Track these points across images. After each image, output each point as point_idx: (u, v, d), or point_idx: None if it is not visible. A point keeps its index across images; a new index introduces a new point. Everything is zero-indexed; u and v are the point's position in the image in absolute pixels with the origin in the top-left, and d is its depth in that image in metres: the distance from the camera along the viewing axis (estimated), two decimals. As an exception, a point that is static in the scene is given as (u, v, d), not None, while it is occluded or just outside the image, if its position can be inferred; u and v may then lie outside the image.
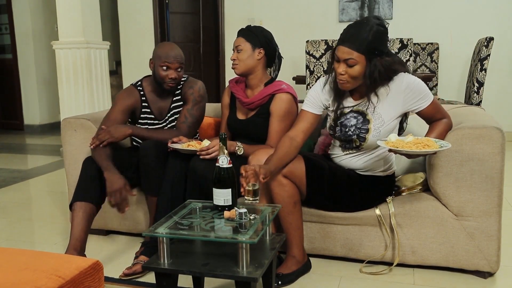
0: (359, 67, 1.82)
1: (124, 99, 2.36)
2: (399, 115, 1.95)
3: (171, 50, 2.28)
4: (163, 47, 2.31)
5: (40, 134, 6.64)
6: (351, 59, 1.80)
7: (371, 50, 1.79)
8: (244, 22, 5.78)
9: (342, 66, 1.84)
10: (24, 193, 3.62)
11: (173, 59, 2.26)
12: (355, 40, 1.79)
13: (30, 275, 1.16)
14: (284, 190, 1.94)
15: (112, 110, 2.34)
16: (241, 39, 2.24)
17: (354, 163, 2.03)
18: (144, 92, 2.40)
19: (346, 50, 1.81)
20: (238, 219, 1.65)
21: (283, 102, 2.21)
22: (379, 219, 2.05)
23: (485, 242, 1.95)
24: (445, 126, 1.93)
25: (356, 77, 1.85)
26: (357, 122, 1.96)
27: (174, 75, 2.27)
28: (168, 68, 2.26)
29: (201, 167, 2.03)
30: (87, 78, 4.38)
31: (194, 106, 2.36)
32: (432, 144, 1.73)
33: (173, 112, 2.40)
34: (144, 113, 2.39)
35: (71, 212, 2.11)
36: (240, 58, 2.23)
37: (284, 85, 2.24)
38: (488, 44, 4.00)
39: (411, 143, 1.74)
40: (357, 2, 5.40)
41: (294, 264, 2.02)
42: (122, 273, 2.05)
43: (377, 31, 1.79)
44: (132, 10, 6.28)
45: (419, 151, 1.70)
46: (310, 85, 4.44)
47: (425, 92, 1.90)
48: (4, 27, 6.88)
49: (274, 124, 2.21)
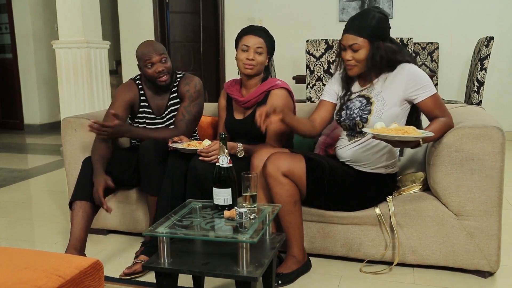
0: (363, 51, 1.96)
1: (124, 94, 2.36)
2: (401, 100, 1.98)
3: (146, 47, 2.29)
4: (140, 48, 2.32)
5: (40, 133, 6.64)
6: (355, 44, 1.95)
7: (373, 34, 1.94)
8: (244, 21, 5.77)
9: (349, 52, 1.99)
10: (24, 192, 3.62)
11: (152, 54, 2.26)
12: (358, 27, 1.94)
13: (30, 274, 1.16)
14: (284, 189, 1.95)
15: (112, 107, 2.34)
16: (263, 41, 2.24)
17: (359, 154, 2.04)
18: (143, 87, 2.40)
19: (350, 37, 1.96)
20: (238, 218, 1.66)
21: (279, 97, 2.22)
22: (379, 219, 2.05)
23: (485, 242, 1.95)
24: (443, 124, 1.93)
25: (362, 60, 1.98)
26: (361, 104, 2.04)
27: (161, 68, 2.27)
28: (152, 64, 2.27)
29: (201, 167, 2.03)
30: (87, 78, 4.38)
31: (191, 103, 2.35)
32: (412, 132, 1.77)
33: (171, 110, 2.40)
34: (143, 107, 2.39)
35: (71, 211, 2.11)
36: (259, 61, 2.24)
37: (279, 81, 2.26)
38: (488, 43, 4.00)
39: (392, 129, 1.79)
40: (357, 2, 5.40)
41: (294, 264, 2.02)
42: (122, 273, 2.05)
43: (378, 18, 1.95)
44: (132, 9, 6.28)
45: (397, 136, 1.73)
46: (310, 85, 4.44)
47: (427, 83, 1.95)
48: (4, 27, 6.88)
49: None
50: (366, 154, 2.03)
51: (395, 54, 1.98)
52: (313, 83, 4.44)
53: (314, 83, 4.45)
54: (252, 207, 1.75)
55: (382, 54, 1.95)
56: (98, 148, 2.21)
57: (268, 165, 1.95)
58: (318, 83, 4.45)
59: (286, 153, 2.01)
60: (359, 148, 2.05)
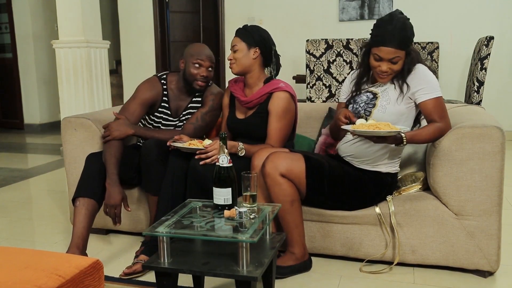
0: (402, 61, 1.98)
1: (146, 92, 2.35)
2: (406, 98, 2.00)
3: (204, 49, 2.33)
4: (196, 46, 2.35)
5: (40, 133, 6.63)
6: (396, 57, 1.95)
7: (408, 44, 1.97)
8: (244, 21, 5.77)
9: (386, 64, 1.97)
10: (24, 192, 3.62)
11: (205, 57, 2.30)
12: (397, 40, 1.92)
13: (30, 274, 1.16)
14: (281, 189, 1.95)
15: (131, 101, 2.33)
16: (237, 38, 2.25)
17: (362, 150, 2.05)
18: (167, 87, 2.40)
19: (390, 50, 1.93)
20: (238, 218, 1.66)
21: (281, 100, 2.21)
22: (379, 218, 2.05)
23: (485, 241, 1.95)
24: (435, 128, 1.94)
25: (398, 70, 1.99)
26: (367, 99, 2.06)
27: (206, 73, 2.30)
28: (200, 66, 2.29)
29: (202, 166, 2.03)
30: (87, 77, 4.38)
31: (209, 112, 2.37)
32: (383, 127, 1.83)
33: (189, 112, 2.41)
34: (162, 107, 2.39)
35: (73, 208, 2.11)
36: (236, 58, 2.23)
37: (282, 84, 2.25)
38: (488, 43, 3.99)
39: (367, 125, 1.85)
40: (357, 1, 5.40)
41: (291, 260, 2.03)
42: (122, 273, 2.05)
43: (410, 26, 1.96)
44: (132, 9, 6.28)
45: (367, 131, 1.80)
46: (310, 84, 4.44)
47: (431, 85, 1.96)
48: (4, 27, 6.87)
49: (273, 123, 2.21)
50: (369, 150, 2.04)
51: (418, 57, 2.02)
52: (313, 82, 4.44)
53: (314, 82, 4.45)
54: (252, 206, 1.75)
55: (414, 58, 1.98)
56: (112, 146, 2.17)
57: (266, 165, 1.96)
58: (318, 83, 4.45)
59: (285, 153, 2.01)
60: (363, 144, 2.05)
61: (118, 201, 2.07)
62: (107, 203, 2.07)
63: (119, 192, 2.08)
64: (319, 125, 2.58)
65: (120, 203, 2.08)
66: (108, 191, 2.08)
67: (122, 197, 2.09)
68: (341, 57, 4.38)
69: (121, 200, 2.08)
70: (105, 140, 2.20)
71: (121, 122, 2.24)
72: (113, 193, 2.07)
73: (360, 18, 5.41)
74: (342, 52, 4.37)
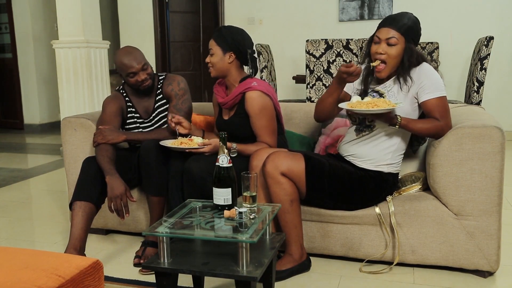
0: (398, 47, 1.97)
1: (112, 104, 2.37)
2: (411, 98, 2.00)
3: (126, 57, 2.26)
4: (119, 58, 2.27)
5: (40, 133, 6.64)
6: (393, 37, 1.96)
7: (409, 34, 1.97)
8: (244, 21, 5.78)
9: (383, 45, 1.98)
10: (24, 192, 3.62)
11: (133, 64, 2.26)
12: (397, 23, 1.97)
13: (30, 274, 1.16)
14: (281, 189, 1.95)
15: (103, 116, 2.35)
16: (213, 42, 2.22)
17: (365, 149, 2.05)
18: (127, 94, 2.42)
19: (388, 30, 1.97)
20: (238, 218, 1.66)
21: (253, 100, 2.18)
22: (379, 218, 2.05)
23: (485, 242, 1.95)
24: (431, 122, 1.95)
25: (394, 57, 1.97)
26: (372, 98, 2.04)
27: (143, 76, 2.29)
28: (134, 74, 2.28)
29: (197, 168, 2.02)
30: (87, 78, 4.38)
31: (178, 101, 2.37)
32: (381, 104, 1.84)
33: (159, 111, 2.41)
34: (130, 112, 2.41)
35: (71, 212, 2.11)
36: (212, 62, 2.22)
37: (255, 82, 2.20)
38: (488, 43, 3.99)
39: (364, 103, 1.86)
40: (357, 2, 5.40)
41: (290, 262, 2.03)
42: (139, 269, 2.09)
43: (414, 20, 2.01)
44: (132, 9, 6.29)
45: (365, 110, 1.82)
46: (310, 85, 4.44)
47: (436, 85, 1.95)
48: (4, 27, 6.88)
49: (255, 122, 2.20)
50: (372, 150, 2.04)
51: (423, 56, 2.01)
52: (313, 82, 4.44)
53: (314, 82, 4.45)
54: (252, 207, 1.75)
55: (414, 56, 1.97)
56: (103, 149, 2.18)
57: (267, 164, 1.96)
58: (318, 83, 4.45)
59: (286, 152, 2.01)
60: (366, 144, 2.05)
61: (123, 190, 2.05)
62: (112, 195, 2.05)
63: (121, 182, 2.07)
64: (319, 125, 2.58)
65: (125, 192, 2.06)
66: (110, 184, 2.06)
67: (125, 187, 2.08)
68: (341, 57, 4.38)
69: (125, 189, 2.07)
70: (97, 144, 2.20)
71: (112, 129, 2.26)
72: (115, 184, 2.06)
73: (360, 18, 5.42)
74: (342, 52, 4.38)
